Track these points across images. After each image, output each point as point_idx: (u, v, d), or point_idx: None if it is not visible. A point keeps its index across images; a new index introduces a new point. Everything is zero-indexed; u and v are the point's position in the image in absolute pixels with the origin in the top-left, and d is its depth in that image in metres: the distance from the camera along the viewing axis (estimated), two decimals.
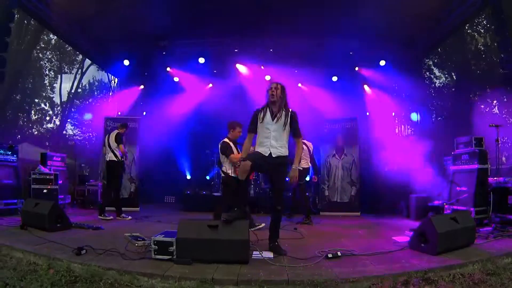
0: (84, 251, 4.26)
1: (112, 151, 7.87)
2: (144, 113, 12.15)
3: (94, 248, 4.38)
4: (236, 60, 11.31)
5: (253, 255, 4.26)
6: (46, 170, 8.95)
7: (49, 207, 5.84)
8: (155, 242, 4.12)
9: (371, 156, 10.33)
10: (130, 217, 7.88)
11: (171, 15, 9.38)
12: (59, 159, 9.98)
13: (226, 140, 6.57)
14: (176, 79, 11.88)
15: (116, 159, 7.85)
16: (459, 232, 4.51)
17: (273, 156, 4.55)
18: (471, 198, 6.94)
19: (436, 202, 8.42)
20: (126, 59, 11.15)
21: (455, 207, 7.34)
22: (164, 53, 11.18)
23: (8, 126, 24.30)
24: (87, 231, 6.07)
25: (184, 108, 11.87)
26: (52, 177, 8.79)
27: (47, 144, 24.87)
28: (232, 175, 6.35)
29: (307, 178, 8.46)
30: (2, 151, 8.02)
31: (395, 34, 9.86)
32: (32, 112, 28.27)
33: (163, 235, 4.25)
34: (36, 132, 28.25)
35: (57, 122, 28.30)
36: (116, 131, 8.06)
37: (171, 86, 12.01)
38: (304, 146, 7.62)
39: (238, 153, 6.28)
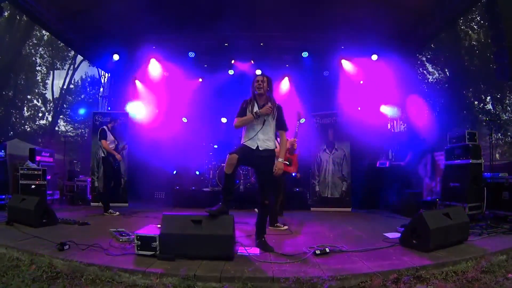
0: (67, 247, 4.18)
1: (100, 147, 7.80)
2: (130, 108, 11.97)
3: (78, 243, 4.30)
4: (226, 54, 11.17)
5: (238, 252, 4.15)
6: (34, 166, 8.79)
7: (35, 203, 5.76)
8: (138, 237, 4.00)
9: (363, 151, 10.23)
10: (117, 213, 7.74)
11: (160, 9, 9.25)
12: (48, 154, 9.85)
13: None
14: (165, 73, 11.71)
15: (103, 155, 7.74)
16: (452, 228, 4.40)
17: (260, 149, 4.52)
18: (464, 194, 6.86)
19: (428, 198, 8.36)
20: (116, 53, 10.96)
21: (447, 202, 7.26)
22: (154, 47, 10.99)
23: (0, 123, 24.12)
24: (73, 226, 5.98)
25: (173, 102, 11.73)
26: (40, 172, 8.64)
27: (40, 140, 24.73)
28: None
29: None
30: None
31: (387, 28, 9.69)
32: (25, 108, 28.04)
33: (146, 230, 4.14)
34: (28, 129, 27.99)
35: (50, 119, 28.08)
36: (103, 127, 7.95)
37: (161, 80, 11.81)
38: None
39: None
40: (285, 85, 11.44)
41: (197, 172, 11.21)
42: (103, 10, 9.25)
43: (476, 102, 19.91)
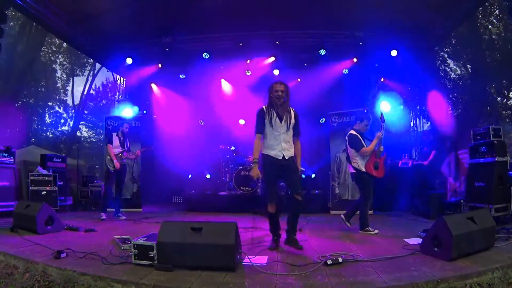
0: (64, 255, 4.04)
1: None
2: (145, 111, 11.86)
3: (76, 251, 4.15)
4: (241, 55, 10.91)
5: (243, 262, 3.85)
6: (45, 172, 8.72)
7: (38, 209, 5.63)
8: (135, 246, 3.76)
9: (384, 150, 9.79)
10: (104, 217, 7.58)
11: (173, 12, 9.15)
12: (60, 160, 9.77)
13: (353, 132, 6.19)
14: (182, 76, 11.55)
15: (109, 157, 7.68)
16: (476, 234, 3.99)
17: (286, 158, 4.58)
18: (489, 194, 6.41)
19: (453, 199, 7.90)
20: (129, 57, 10.86)
21: (472, 204, 6.81)
22: (167, 49, 10.85)
23: (22, 130, 24.51)
24: (78, 233, 5.84)
25: (190, 104, 11.58)
26: (50, 178, 8.57)
27: (62, 147, 25.00)
28: (363, 170, 6.01)
29: None
30: None
31: (406, 23, 9.36)
32: (46, 115, 28.49)
33: (145, 238, 3.90)
34: (51, 135, 28.40)
35: (71, 125, 28.44)
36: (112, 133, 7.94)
37: (176, 83, 11.70)
38: None
39: (366, 146, 6.01)
40: (301, 83, 11.17)
41: (208, 176, 10.98)
42: (113, 14, 9.18)
43: (499, 98, 19.21)
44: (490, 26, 19.67)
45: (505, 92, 19.29)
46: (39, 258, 3.95)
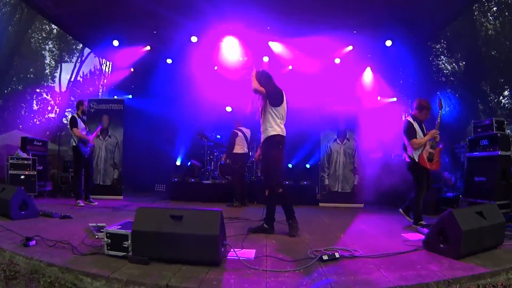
0: (33, 242, 3.67)
1: (72, 136, 7.33)
2: (130, 96, 11.45)
3: (46, 239, 3.76)
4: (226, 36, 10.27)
5: (228, 256, 3.45)
6: (25, 155, 8.24)
7: (12, 193, 5.23)
8: (108, 234, 3.34)
9: (376, 142, 9.45)
10: (82, 204, 7.20)
11: None
12: (40, 143, 9.25)
13: (410, 119, 5.71)
14: (169, 60, 11.11)
15: (74, 144, 7.28)
16: (486, 230, 3.62)
17: (262, 141, 4.72)
18: (491, 190, 6.10)
19: (450, 194, 7.60)
20: (115, 40, 10.35)
21: (472, 200, 6.50)
22: (155, 32, 10.33)
23: (9, 117, 23.97)
24: (53, 219, 5.44)
25: (175, 90, 11.19)
26: (30, 162, 8.10)
27: (48, 133, 24.40)
28: (417, 160, 5.55)
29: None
30: None
31: (399, 13, 8.95)
32: (34, 102, 27.93)
33: (119, 226, 3.48)
34: (38, 122, 27.84)
35: (58, 112, 27.91)
36: (73, 115, 7.50)
37: (161, 67, 11.21)
38: (239, 132, 8.23)
39: (425, 135, 5.53)
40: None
41: (189, 163, 10.62)
42: None
43: (492, 95, 19.16)
44: (486, 24, 19.63)
45: (499, 90, 19.27)
46: (8, 245, 3.59)
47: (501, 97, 19.81)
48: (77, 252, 3.41)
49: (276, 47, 10.34)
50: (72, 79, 27.09)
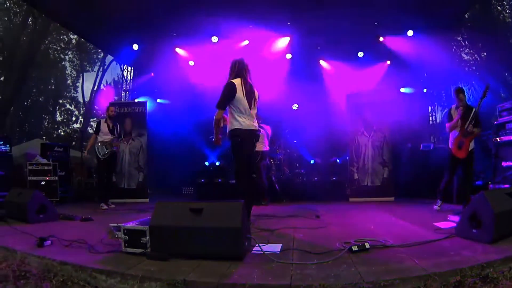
0: (48, 243, 3.57)
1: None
2: (159, 100, 11.45)
3: (62, 239, 3.66)
4: (251, 36, 10.18)
5: (253, 250, 3.25)
6: (44, 161, 8.24)
7: (29, 197, 5.17)
8: (125, 231, 3.21)
9: (404, 133, 9.12)
10: (105, 207, 7.27)
11: None
12: (61, 149, 9.28)
13: (453, 106, 5.88)
14: (191, 63, 11.00)
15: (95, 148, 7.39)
16: None
17: None
18: None
19: (479, 182, 7.23)
20: (135, 43, 10.35)
21: (501, 186, 6.17)
22: (174, 34, 10.29)
23: (32, 127, 24.38)
24: (73, 222, 5.39)
25: (198, 90, 10.88)
26: (50, 167, 8.09)
27: (74, 144, 24.74)
28: (450, 146, 5.79)
29: None
30: None
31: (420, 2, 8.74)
32: (57, 113, 28.39)
33: (138, 223, 3.34)
34: (62, 133, 28.31)
35: (83, 121, 28.30)
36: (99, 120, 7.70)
37: (184, 68, 11.08)
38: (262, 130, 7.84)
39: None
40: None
41: (207, 164, 10.45)
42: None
43: None
44: (503, 12, 19.18)
45: None
46: (20, 246, 3.50)
47: None
48: (94, 251, 3.31)
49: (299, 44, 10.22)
50: (95, 88, 27.39)
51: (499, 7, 19.23)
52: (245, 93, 4.63)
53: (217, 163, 10.51)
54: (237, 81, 4.64)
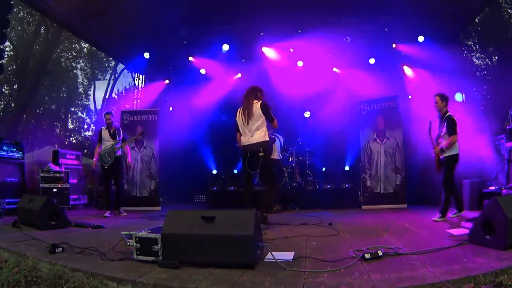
0: (59, 249, 3.61)
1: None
2: (171, 108, 11.54)
3: (74, 246, 3.68)
4: (263, 45, 10.23)
5: (265, 258, 3.23)
6: (56, 168, 8.33)
7: (41, 203, 5.23)
8: (137, 239, 3.21)
9: (416, 139, 9.04)
10: (108, 215, 7.24)
11: (190, 2, 8.72)
12: (73, 157, 9.38)
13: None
14: (202, 71, 11.02)
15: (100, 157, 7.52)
16: None
17: None
18: None
19: (492, 188, 7.13)
20: (146, 52, 10.45)
21: None
22: (185, 42, 10.37)
23: (44, 135, 24.58)
24: (85, 229, 5.42)
25: (209, 99, 11.00)
26: (62, 175, 8.18)
27: (85, 151, 24.96)
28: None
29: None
30: (5, 148, 7.47)
31: (431, 7, 8.73)
32: (69, 121, 28.62)
33: (149, 231, 3.34)
34: (74, 141, 28.51)
35: (95, 130, 28.50)
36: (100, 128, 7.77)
37: (195, 77, 11.18)
38: (276, 138, 8.48)
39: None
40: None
41: (235, 171, 10.37)
42: (126, 8, 8.78)
43: None
44: None
45: None
46: (32, 253, 3.55)
47: None
48: (105, 258, 3.31)
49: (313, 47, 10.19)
50: (107, 97, 27.64)
51: (509, 10, 19.07)
52: (241, 114, 5.54)
53: (235, 171, 10.42)
54: (239, 110, 5.64)
